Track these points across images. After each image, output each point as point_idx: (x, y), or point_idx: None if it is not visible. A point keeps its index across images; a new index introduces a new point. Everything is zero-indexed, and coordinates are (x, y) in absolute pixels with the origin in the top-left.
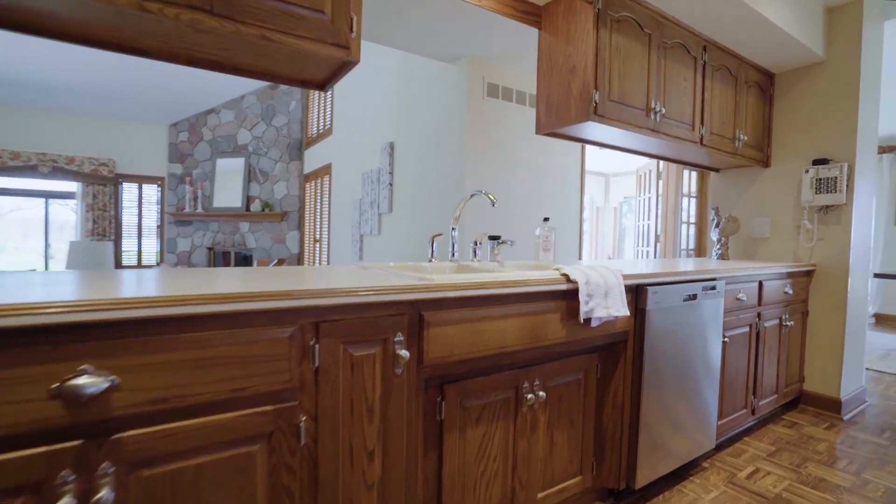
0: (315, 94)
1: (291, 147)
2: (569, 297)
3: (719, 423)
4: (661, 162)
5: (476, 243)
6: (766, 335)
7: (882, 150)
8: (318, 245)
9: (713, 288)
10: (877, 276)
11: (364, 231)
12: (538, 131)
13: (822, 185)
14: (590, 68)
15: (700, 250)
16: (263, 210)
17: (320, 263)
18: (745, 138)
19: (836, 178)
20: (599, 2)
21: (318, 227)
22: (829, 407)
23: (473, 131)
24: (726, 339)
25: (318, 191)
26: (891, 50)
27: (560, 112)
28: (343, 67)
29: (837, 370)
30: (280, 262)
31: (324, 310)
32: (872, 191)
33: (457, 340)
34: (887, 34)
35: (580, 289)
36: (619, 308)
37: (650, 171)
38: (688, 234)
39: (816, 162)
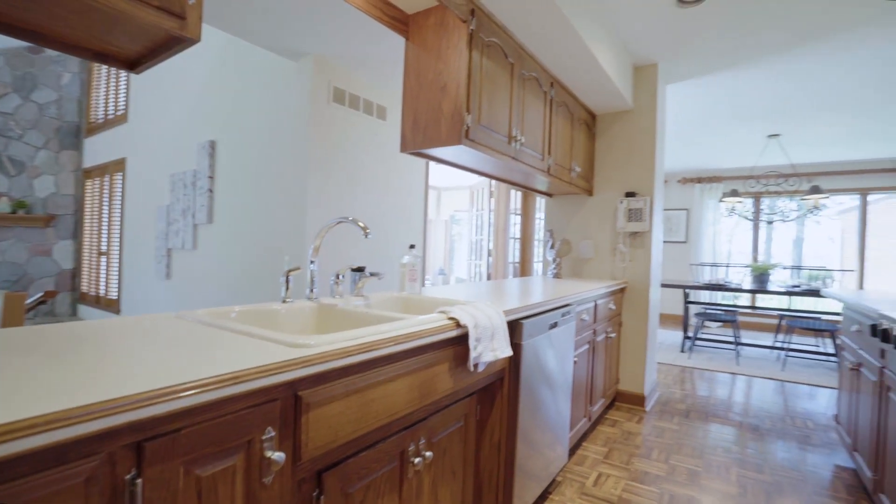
0: (101, 69)
1: (64, 133)
2: (457, 342)
3: (569, 435)
4: (493, 181)
5: (338, 276)
6: (599, 348)
7: (689, 180)
8: (104, 259)
9: (568, 313)
10: (663, 286)
11: (173, 245)
12: (403, 149)
13: (633, 215)
14: (462, 89)
15: (524, 264)
16: (14, 212)
17: (107, 283)
18: (579, 170)
19: (641, 209)
20: (473, 22)
21: (103, 236)
22: (637, 401)
23: (317, 139)
24: (576, 360)
25: (105, 191)
26: (685, 105)
27: (429, 131)
28: (171, 44)
29: (642, 369)
30: (47, 298)
31: (150, 422)
32: (661, 219)
33: (343, 419)
34: (671, 93)
35: (469, 333)
36: (503, 348)
37: (483, 189)
38: (514, 249)
39: (628, 194)
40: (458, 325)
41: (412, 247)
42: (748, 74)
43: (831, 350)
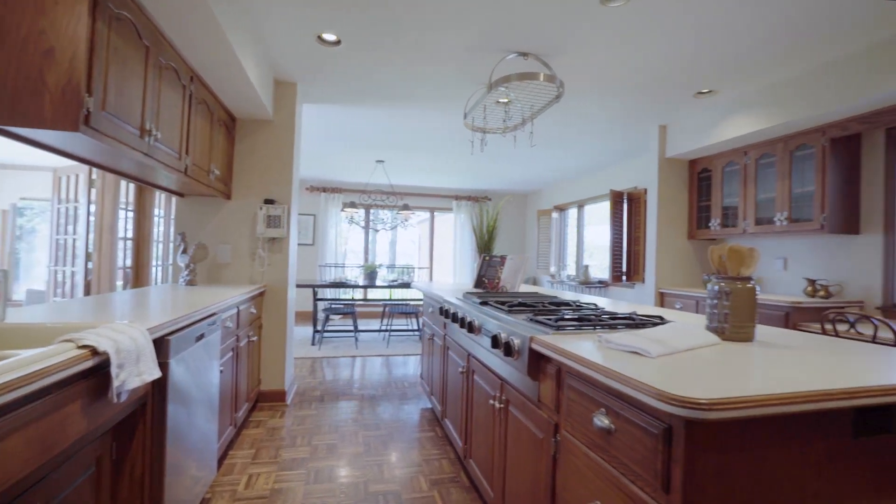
0: None
1: None
2: (92, 373)
3: (217, 447)
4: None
5: None
6: (243, 354)
7: (316, 189)
8: None
9: (214, 322)
10: (297, 286)
11: None
12: None
13: (272, 221)
14: (81, 63)
15: (140, 270)
16: None
17: None
18: (218, 172)
19: (280, 216)
20: None
21: None
22: (279, 398)
23: None
24: (222, 369)
25: None
26: (317, 123)
27: (19, 106)
28: None
29: (282, 366)
30: None
31: None
32: (296, 224)
33: None
34: (307, 111)
35: (111, 360)
36: (151, 370)
37: (78, 175)
38: (125, 252)
39: (267, 201)
40: (95, 353)
41: None
42: (367, 110)
43: (417, 327)
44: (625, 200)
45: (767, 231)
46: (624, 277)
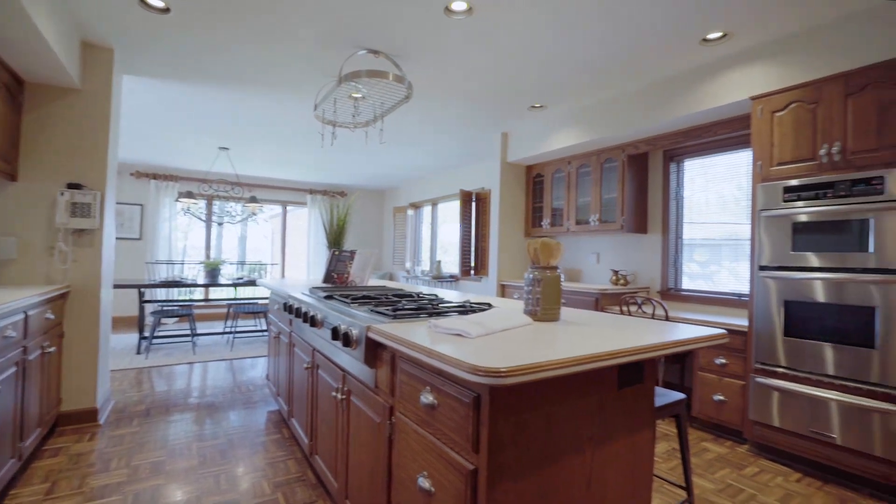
0: None
1: None
2: None
3: None
4: None
5: None
6: (33, 369)
7: (144, 175)
8: None
9: None
10: (116, 286)
11: None
12: None
13: (78, 210)
14: None
15: None
16: None
17: None
18: None
19: (90, 204)
20: None
21: None
22: (88, 418)
23: None
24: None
25: None
26: (145, 98)
27: None
28: None
29: (93, 381)
30: None
31: None
32: (114, 214)
33: None
34: (131, 83)
35: None
36: None
37: None
38: None
39: (72, 186)
40: None
41: None
42: (210, 91)
43: (266, 328)
44: (473, 200)
45: (584, 230)
46: (472, 272)
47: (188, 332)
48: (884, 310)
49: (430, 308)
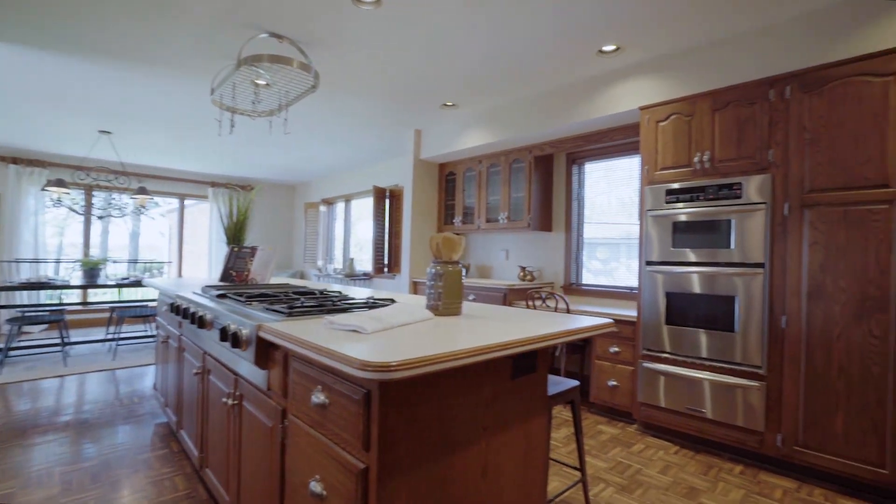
0: None
1: None
2: None
3: None
4: None
5: None
6: None
7: (1, 159)
8: None
9: None
10: None
11: None
12: None
13: None
14: None
15: None
16: None
17: None
18: None
19: None
20: None
21: None
22: None
23: None
24: None
25: None
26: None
27: None
28: None
29: None
30: None
31: None
32: None
33: None
34: None
35: None
36: None
37: None
38: None
39: None
40: None
41: None
42: (90, 66)
43: (156, 332)
44: (387, 197)
45: (494, 228)
46: (386, 269)
47: (59, 340)
48: (743, 299)
49: (329, 305)
